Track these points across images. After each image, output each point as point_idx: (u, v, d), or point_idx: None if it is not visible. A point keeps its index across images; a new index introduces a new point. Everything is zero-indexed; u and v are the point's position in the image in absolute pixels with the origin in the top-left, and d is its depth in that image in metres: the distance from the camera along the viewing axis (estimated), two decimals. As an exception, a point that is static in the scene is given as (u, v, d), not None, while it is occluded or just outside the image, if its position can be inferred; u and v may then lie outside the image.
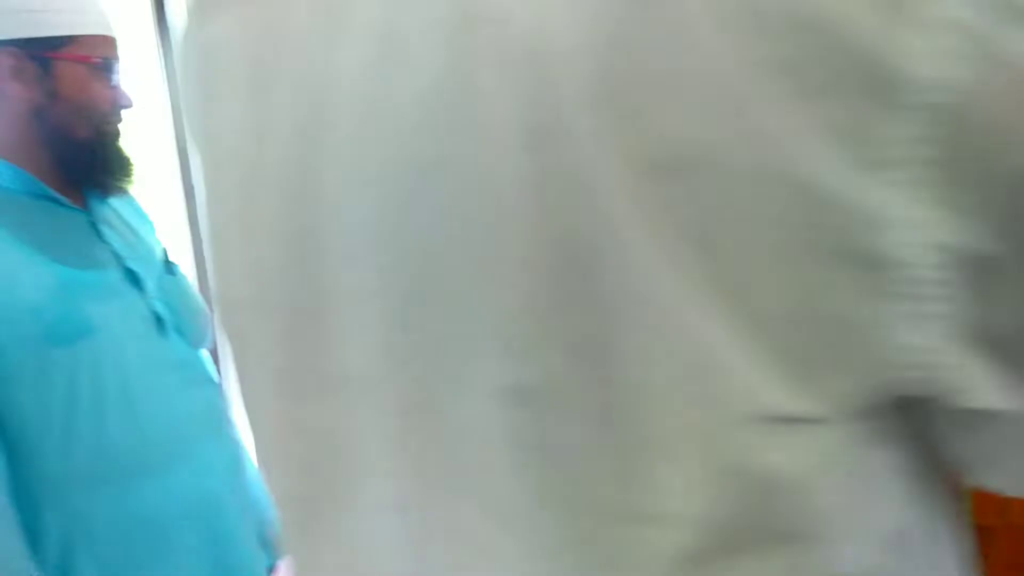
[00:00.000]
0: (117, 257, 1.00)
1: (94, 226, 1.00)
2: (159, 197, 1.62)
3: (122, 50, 1.00)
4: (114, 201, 1.05)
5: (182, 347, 1.04)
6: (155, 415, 0.97)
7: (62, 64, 0.92)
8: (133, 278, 1.00)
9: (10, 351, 0.87)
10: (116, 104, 0.97)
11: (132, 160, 1.01)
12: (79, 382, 0.91)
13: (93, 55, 0.94)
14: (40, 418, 0.89)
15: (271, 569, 1.12)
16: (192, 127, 0.36)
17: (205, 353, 1.11)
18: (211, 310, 1.12)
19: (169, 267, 1.08)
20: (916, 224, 0.21)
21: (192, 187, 1.65)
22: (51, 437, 0.90)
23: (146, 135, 1.59)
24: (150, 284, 1.01)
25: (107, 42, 0.96)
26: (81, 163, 0.97)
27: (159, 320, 1.00)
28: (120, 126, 1.00)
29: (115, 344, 0.94)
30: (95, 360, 0.92)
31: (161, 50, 1.62)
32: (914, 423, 0.24)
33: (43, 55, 0.91)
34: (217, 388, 1.08)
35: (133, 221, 1.09)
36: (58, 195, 0.96)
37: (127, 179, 1.01)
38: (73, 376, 0.90)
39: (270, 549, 1.11)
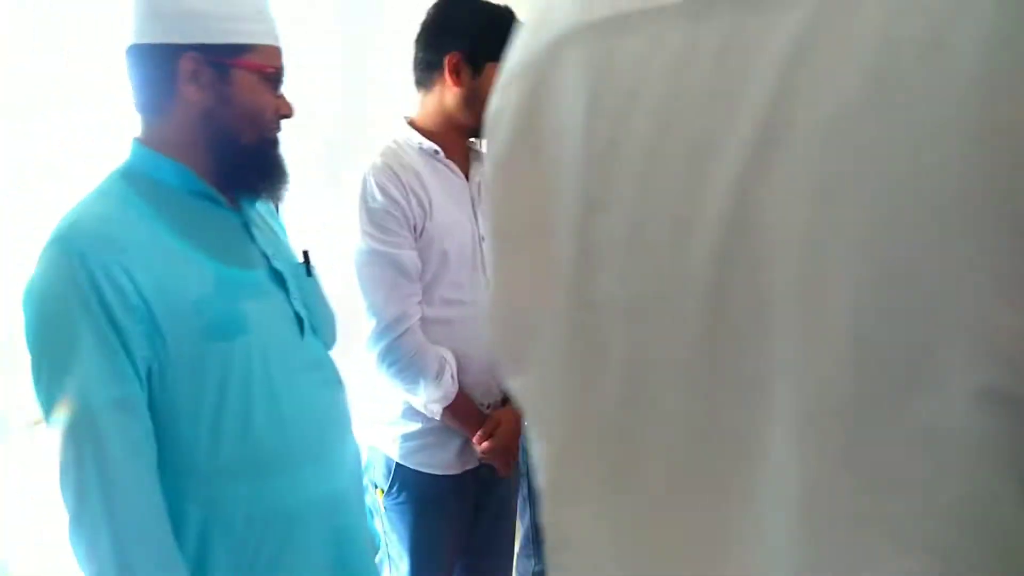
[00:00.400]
0: (265, 258, 1.04)
1: (246, 227, 1.04)
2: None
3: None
4: (258, 204, 1.09)
5: (318, 348, 1.07)
6: (295, 413, 1.00)
7: (238, 72, 0.96)
8: (279, 279, 1.03)
9: (172, 344, 0.90)
10: (279, 113, 1.02)
11: (287, 169, 1.05)
12: (230, 378, 0.94)
13: (267, 65, 0.98)
14: (192, 411, 0.93)
15: None
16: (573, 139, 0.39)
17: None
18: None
19: (308, 269, 1.11)
20: None
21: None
22: (201, 430, 0.93)
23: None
24: (292, 285, 1.05)
25: (278, 53, 1.00)
26: (242, 167, 1.00)
27: (300, 321, 1.03)
28: (279, 135, 1.04)
29: (263, 342, 0.97)
30: (246, 357, 0.95)
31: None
32: None
33: (222, 61, 0.94)
34: (344, 389, 1.11)
35: (273, 224, 1.13)
36: (217, 195, 1.00)
37: (282, 186, 1.04)
38: (225, 372, 0.94)
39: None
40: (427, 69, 1.45)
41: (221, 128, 0.97)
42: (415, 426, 1.45)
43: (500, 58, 1.65)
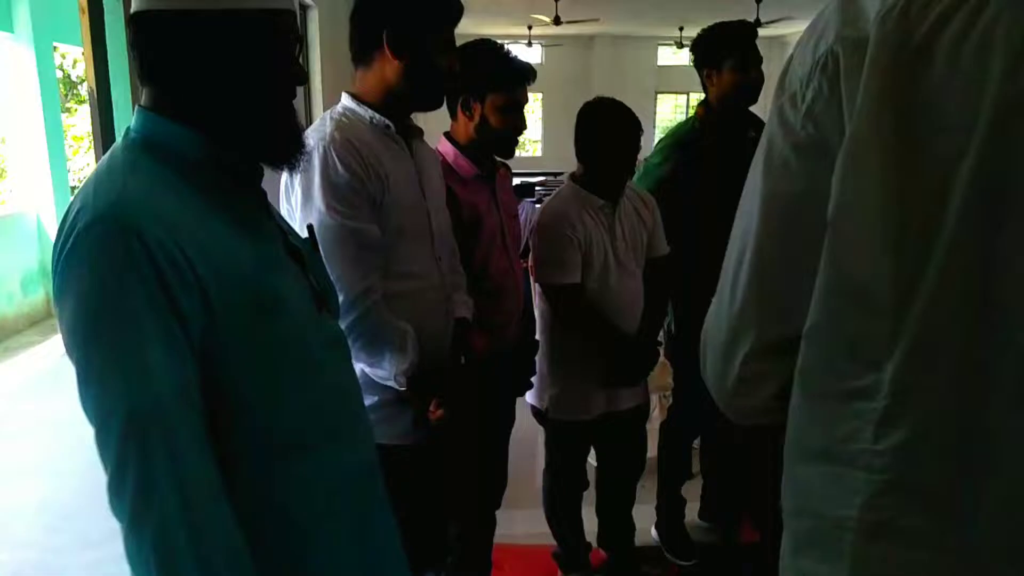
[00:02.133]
0: (282, 233, 1.01)
1: (262, 202, 1.00)
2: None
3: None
4: None
5: (334, 323, 1.07)
6: (327, 387, 0.99)
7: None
8: (295, 255, 1.01)
9: (221, 321, 0.86)
10: (297, 79, 0.98)
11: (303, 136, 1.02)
12: (273, 354, 0.91)
13: (291, 30, 0.95)
14: (241, 389, 0.89)
15: None
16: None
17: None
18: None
19: (315, 244, 1.09)
20: None
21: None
22: (252, 405, 0.90)
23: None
24: (307, 261, 1.03)
25: (295, 18, 0.96)
26: (265, 136, 0.96)
27: (315, 296, 1.02)
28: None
29: (296, 318, 0.95)
30: (285, 331, 0.93)
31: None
32: None
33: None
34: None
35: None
36: (239, 168, 0.95)
37: (301, 154, 1.01)
38: (269, 348, 0.91)
39: None
40: (364, 44, 1.45)
41: (249, 95, 0.92)
42: (371, 399, 1.46)
43: (438, 30, 1.72)
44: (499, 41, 1.80)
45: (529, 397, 2.12)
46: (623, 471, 2.31)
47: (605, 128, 1.94)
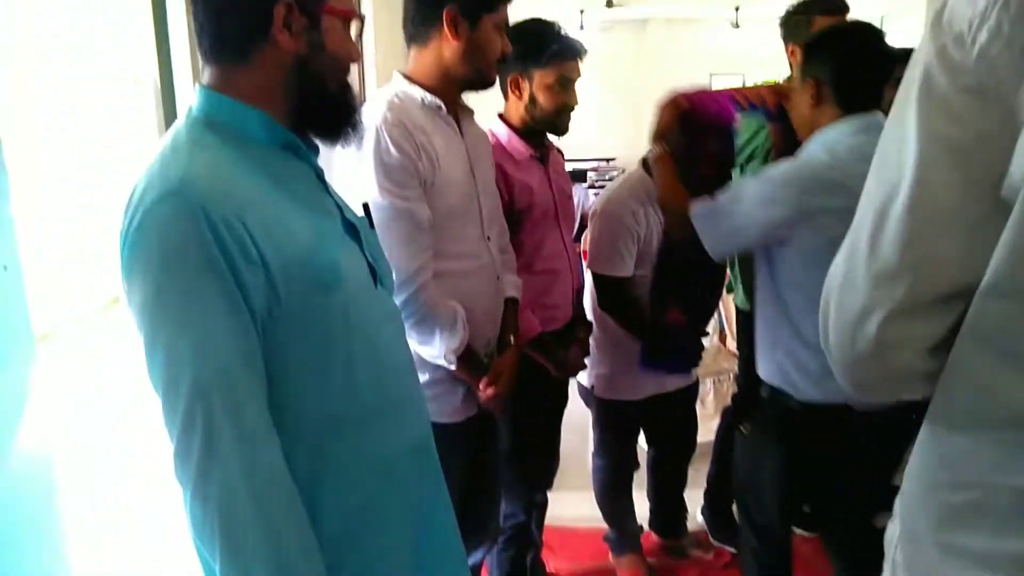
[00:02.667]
0: (339, 208, 1.03)
1: (320, 177, 1.02)
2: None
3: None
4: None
5: (389, 298, 1.09)
6: (386, 361, 1.02)
7: (327, 18, 0.94)
8: (351, 230, 1.03)
9: (283, 295, 0.89)
10: (352, 59, 1.01)
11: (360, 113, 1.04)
12: (333, 328, 0.94)
13: (350, 10, 0.97)
14: (300, 361, 0.92)
15: None
16: None
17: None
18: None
19: (371, 221, 1.11)
20: None
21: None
22: (308, 379, 0.93)
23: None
24: (363, 236, 1.05)
25: None
26: (326, 113, 0.99)
27: (372, 271, 1.04)
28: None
29: (355, 293, 0.98)
30: (344, 307, 0.95)
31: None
32: None
33: (314, 8, 0.93)
34: None
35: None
36: (300, 145, 0.98)
37: (359, 130, 1.04)
38: (328, 322, 0.94)
39: None
40: (422, 24, 1.46)
41: (311, 76, 0.95)
42: (422, 377, 1.49)
43: (495, 9, 1.71)
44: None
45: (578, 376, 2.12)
46: (673, 453, 2.29)
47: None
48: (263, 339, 0.88)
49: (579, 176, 6.53)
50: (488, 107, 1.79)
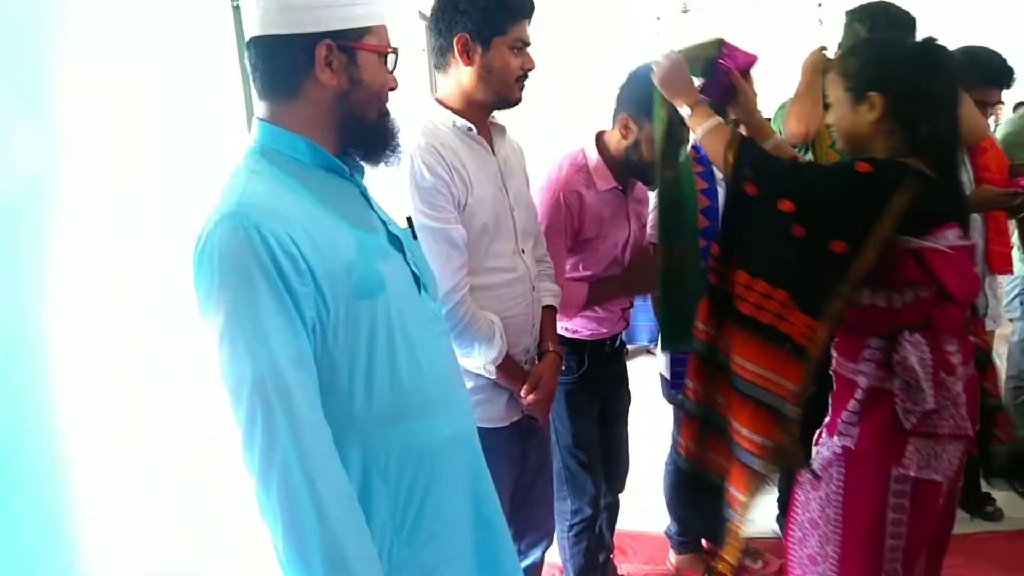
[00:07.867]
0: (383, 223, 1.13)
1: (364, 195, 1.13)
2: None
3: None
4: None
5: (432, 304, 1.18)
6: (428, 362, 1.10)
7: (363, 54, 1.04)
8: (395, 242, 1.13)
9: (331, 304, 0.99)
10: (390, 87, 1.11)
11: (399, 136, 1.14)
12: (377, 333, 1.03)
13: (385, 45, 1.07)
14: (348, 364, 1.01)
15: None
16: None
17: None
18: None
19: (414, 232, 1.21)
20: None
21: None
22: (356, 381, 1.02)
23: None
24: (407, 247, 1.14)
25: (387, 31, 1.09)
26: (366, 140, 1.10)
27: (416, 279, 1.13)
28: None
29: (397, 300, 1.07)
30: (387, 313, 1.05)
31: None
32: None
33: (349, 45, 1.03)
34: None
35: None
36: (343, 167, 1.08)
37: (397, 152, 1.14)
38: (373, 327, 1.03)
39: None
40: (441, 52, 1.56)
41: (352, 107, 1.06)
42: (467, 384, 1.56)
43: (507, 32, 1.79)
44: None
45: (661, 366, 2.18)
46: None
47: None
48: (314, 345, 0.98)
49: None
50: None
